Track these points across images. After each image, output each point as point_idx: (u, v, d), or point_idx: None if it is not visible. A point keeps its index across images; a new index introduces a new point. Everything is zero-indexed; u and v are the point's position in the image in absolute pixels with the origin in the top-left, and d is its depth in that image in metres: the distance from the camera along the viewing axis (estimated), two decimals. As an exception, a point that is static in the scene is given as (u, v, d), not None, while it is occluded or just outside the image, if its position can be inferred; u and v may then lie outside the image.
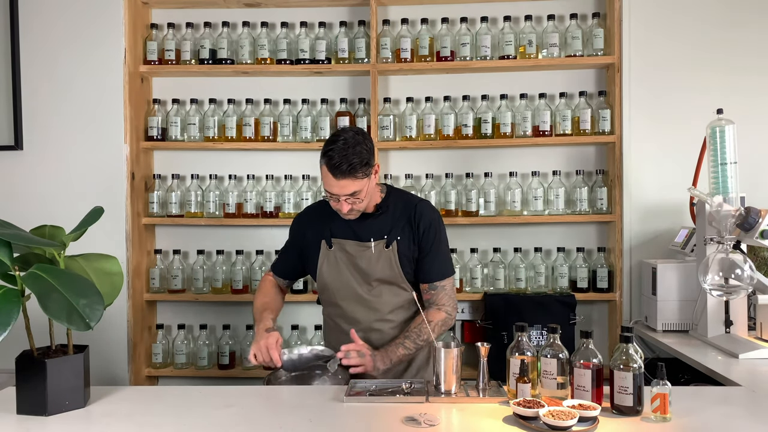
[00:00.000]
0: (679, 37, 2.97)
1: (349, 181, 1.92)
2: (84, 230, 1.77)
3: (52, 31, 2.99)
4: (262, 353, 1.94)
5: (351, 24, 3.12)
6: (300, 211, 2.31)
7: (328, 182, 1.95)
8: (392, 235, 2.07)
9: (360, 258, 2.07)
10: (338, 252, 2.09)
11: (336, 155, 1.90)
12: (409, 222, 2.08)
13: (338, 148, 1.91)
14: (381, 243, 2.06)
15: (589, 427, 1.52)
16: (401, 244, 2.07)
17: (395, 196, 2.14)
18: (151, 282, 3.09)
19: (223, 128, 3.08)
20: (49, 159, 3.00)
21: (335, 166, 1.90)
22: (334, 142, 1.93)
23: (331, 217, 2.10)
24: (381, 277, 2.07)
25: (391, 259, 2.06)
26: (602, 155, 3.11)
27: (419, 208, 2.10)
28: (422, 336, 2.04)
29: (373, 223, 2.08)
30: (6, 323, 1.49)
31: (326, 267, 2.11)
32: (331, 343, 2.18)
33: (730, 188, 2.32)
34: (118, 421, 1.63)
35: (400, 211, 2.10)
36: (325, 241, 2.11)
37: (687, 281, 2.61)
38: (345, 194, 1.95)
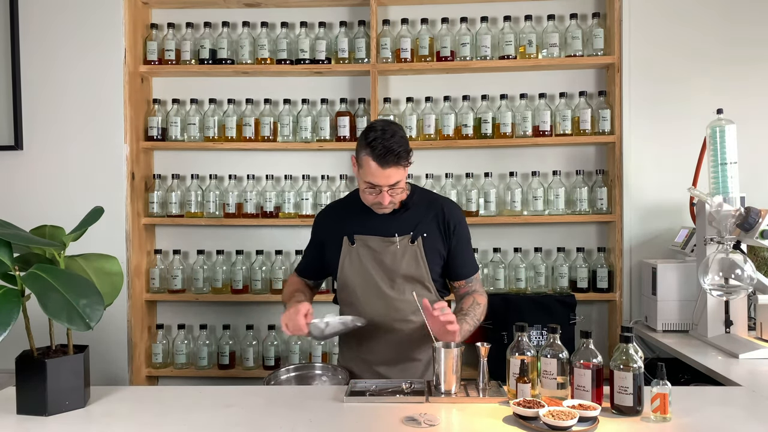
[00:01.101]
0: (679, 37, 2.97)
1: (395, 170, 1.90)
2: (84, 230, 1.77)
3: (52, 31, 2.99)
4: (292, 321, 1.90)
5: (351, 24, 3.12)
6: (319, 211, 2.27)
7: (372, 173, 1.90)
8: (418, 230, 2.04)
9: (384, 253, 2.03)
10: (361, 248, 2.05)
11: (381, 144, 1.87)
12: (436, 219, 2.06)
13: (382, 138, 1.88)
14: (406, 238, 2.03)
15: (589, 427, 1.52)
16: (428, 241, 2.04)
17: (419, 194, 2.12)
18: (151, 282, 3.09)
19: (223, 128, 3.08)
20: (49, 159, 3.00)
21: (382, 155, 1.87)
22: (373, 131, 1.90)
23: (352, 213, 2.08)
24: (406, 274, 2.03)
25: (417, 255, 2.03)
26: (602, 155, 3.11)
27: (448, 206, 2.10)
28: (476, 316, 2.03)
29: (399, 219, 2.05)
30: (6, 323, 1.49)
31: (348, 263, 2.07)
32: (348, 344, 2.14)
33: (730, 188, 2.33)
34: (118, 421, 1.63)
35: (426, 208, 2.08)
36: (347, 238, 2.07)
37: (687, 281, 2.61)
38: (389, 184, 1.92)
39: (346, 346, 2.17)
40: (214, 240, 3.18)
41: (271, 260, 3.10)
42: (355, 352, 2.11)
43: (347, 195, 2.25)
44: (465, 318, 1.99)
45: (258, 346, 3.05)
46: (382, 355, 2.06)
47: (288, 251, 3.13)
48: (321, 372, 2.17)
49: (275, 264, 3.06)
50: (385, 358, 2.05)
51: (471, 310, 2.03)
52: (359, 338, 2.07)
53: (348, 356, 2.16)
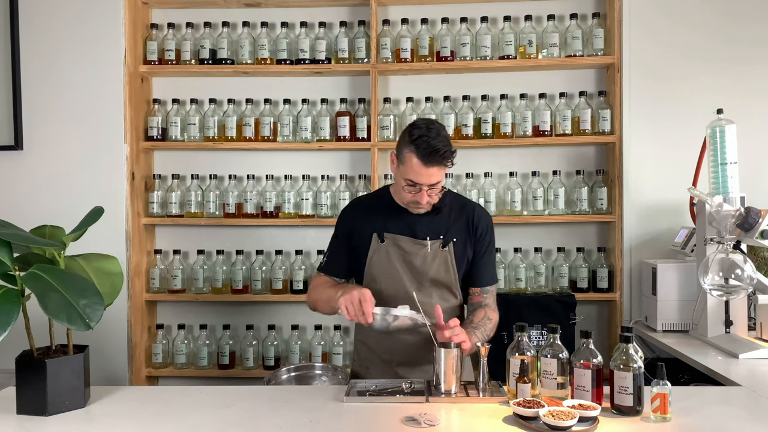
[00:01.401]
0: (679, 36, 2.97)
1: (438, 169, 1.88)
2: (84, 230, 1.77)
3: (52, 31, 2.99)
4: (354, 306, 1.80)
5: (351, 24, 3.12)
6: (347, 204, 2.20)
7: (415, 171, 1.87)
8: (449, 235, 2.02)
9: (415, 256, 2.00)
10: (391, 247, 2.01)
11: (426, 142, 1.85)
12: (466, 225, 2.04)
13: (427, 136, 1.86)
14: (437, 243, 2.01)
15: (589, 427, 1.52)
16: (457, 246, 2.02)
17: (451, 197, 2.09)
18: (151, 282, 3.09)
19: (223, 128, 3.08)
20: (49, 159, 3.00)
21: (427, 153, 1.85)
22: (418, 129, 1.88)
23: (382, 211, 2.05)
24: (435, 278, 2.01)
25: (447, 260, 2.01)
26: (602, 155, 3.11)
27: (477, 212, 2.07)
28: (487, 330, 1.99)
29: (430, 222, 2.02)
30: (6, 323, 1.49)
31: (376, 261, 2.02)
32: (366, 343, 2.10)
33: (730, 188, 2.32)
34: (118, 421, 1.63)
35: (457, 212, 2.05)
36: (377, 235, 2.03)
37: (687, 281, 2.61)
38: (430, 183, 1.89)
39: (363, 345, 2.12)
40: (214, 240, 3.18)
41: (271, 260, 3.10)
42: (375, 352, 2.08)
43: (376, 191, 2.20)
44: (474, 332, 1.94)
45: (258, 346, 3.05)
46: (403, 357, 2.02)
47: (288, 251, 3.13)
48: (321, 372, 2.17)
49: (275, 264, 3.06)
50: (405, 360, 2.02)
51: (481, 325, 1.98)
52: (379, 338, 2.04)
53: (365, 356, 2.11)
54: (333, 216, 3.03)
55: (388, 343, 2.03)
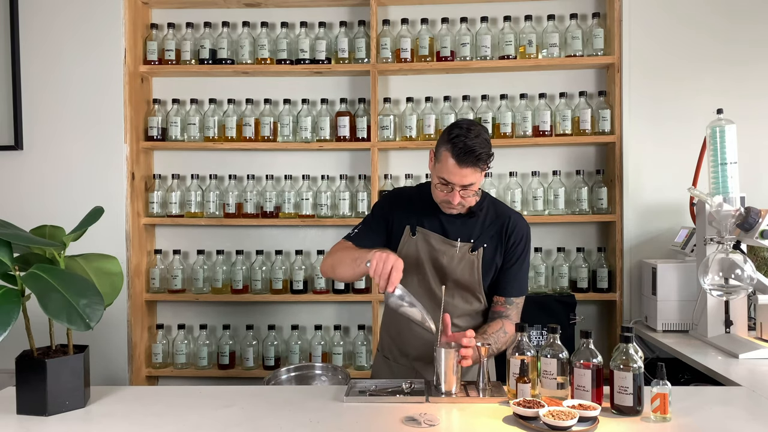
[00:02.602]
0: (679, 37, 2.97)
1: (471, 170, 1.85)
2: (84, 230, 1.77)
3: (52, 31, 2.99)
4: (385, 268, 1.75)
5: (351, 24, 3.12)
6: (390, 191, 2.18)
7: (448, 170, 1.85)
8: (479, 240, 1.99)
9: (442, 254, 1.99)
10: (421, 242, 2.00)
11: (464, 142, 1.82)
12: (499, 232, 2.01)
13: (466, 136, 1.83)
14: (467, 246, 1.99)
15: (589, 427, 1.52)
16: (487, 252, 1.99)
17: (489, 203, 2.06)
18: (151, 282, 3.09)
19: (223, 128, 3.08)
20: (49, 159, 3.00)
21: (462, 153, 1.82)
22: (458, 128, 1.86)
23: (420, 205, 2.03)
24: (458, 279, 1.99)
25: (473, 264, 1.98)
26: (602, 155, 3.11)
27: (513, 220, 2.03)
28: (498, 343, 1.94)
29: (464, 224, 2.00)
30: (6, 323, 1.49)
31: (405, 252, 2.01)
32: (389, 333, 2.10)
33: (730, 188, 2.32)
34: (118, 421, 1.63)
35: (492, 219, 2.02)
36: (410, 227, 2.02)
37: (687, 281, 2.61)
38: (463, 184, 1.87)
39: (387, 333, 2.13)
40: (214, 240, 3.18)
41: (271, 260, 3.10)
42: (396, 342, 2.08)
43: (419, 185, 2.18)
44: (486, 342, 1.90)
45: (258, 346, 3.05)
46: (421, 352, 2.02)
47: (288, 251, 3.14)
48: (321, 372, 2.17)
49: (275, 264, 3.06)
50: (422, 355, 2.01)
51: (494, 337, 1.94)
52: (400, 330, 2.05)
53: (387, 343, 2.13)
54: (333, 216, 3.03)
55: (410, 339, 2.03)
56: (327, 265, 2.05)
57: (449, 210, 1.97)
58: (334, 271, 2.02)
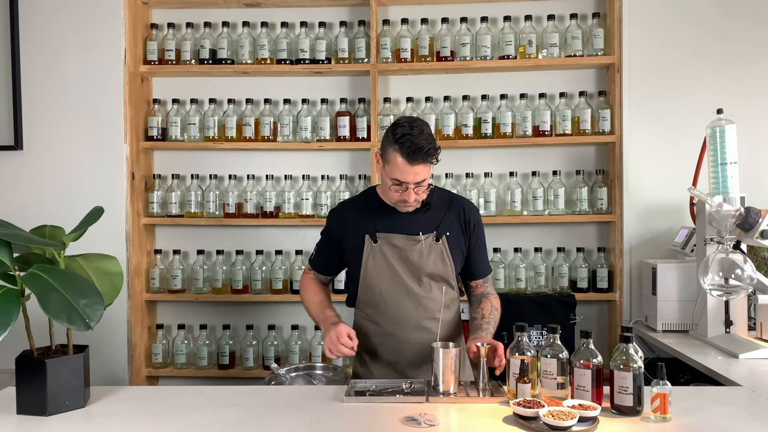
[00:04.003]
0: (678, 37, 2.97)
1: (423, 167, 1.88)
2: (84, 230, 1.77)
3: (52, 31, 2.99)
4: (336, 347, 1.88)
5: (351, 24, 3.12)
6: (333, 207, 2.22)
7: (401, 170, 1.88)
8: (441, 229, 2.03)
9: (410, 251, 2.00)
10: (385, 246, 2.02)
11: (410, 141, 1.84)
12: (458, 219, 2.06)
13: (410, 134, 1.85)
14: (431, 236, 2.02)
15: (589, 427, 1.52)
16: (452, 240, 2.03)
17: (439, 192, 2.10)
18: (151, 282, 3.08)
19: (223, 128, 3.08)
20: (49, 159, 3.00)
21: (411, 152, 1.84)
22: (401, 127, 1.88)
23: (372, 211, 2.05)
24: (432, 272, 2.01)
25: (443, 253, 2.02)
26: (602, 155, 3.11)
27: (467, 205, 2.10)
28: (496, 322, 2.03)
29: (421, 217, 2.03)
30: (6, 323, 1.49)
31: (372, 263, 2.02)
32: (369, 351, 2.07)
33: (730, 188, 2.32)
34: (118, 421, 1.63)
35: (446, 206, 2.07)
36: (369, 236, 2.03)
37: (687, 281, 2.61)
38: (416, 182, 1.89)
39: (368, 354, 2.08)
40: (214, 240, 3.18)
41: (271, 260, 3.10)
42: (378, 360, 2.05)
43: (361, 193, 2.21)
44: (488, 328, 1.99)
45: (258, 346, 3.05)
46: (410, 357, 2.01)
47: (288, 251, 3.14)
48: (321, 372, 2.17)
49: (275, 264, 3.06)
50: (413, 359, 2.01)
51: (492, 318, 2.03)
52: (383, 343, 2.03)
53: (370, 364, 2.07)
54: (333, 216, 3.03)
55: (397, 347, 2.02)
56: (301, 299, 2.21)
57: (405, 208, 1.99)
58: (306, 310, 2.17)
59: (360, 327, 2.10)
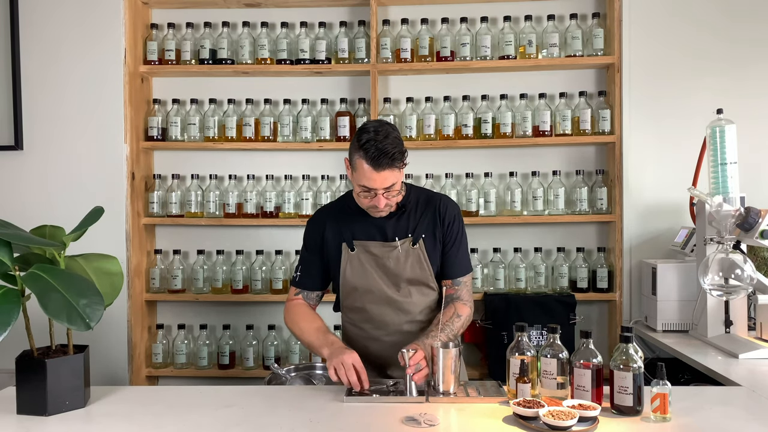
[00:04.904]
0: (678, 37, 2.98)
1: (390, 172, 1.85)
2: (84, 230, 1.77)
3: (52, 31, 2.99)
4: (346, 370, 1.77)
5: (351, 24, 3.12)
6: (311, 215, 2.18)
7: (367, 176, 1.85)
8: (417, 232, 2.00)
9: (387, 258, 1.99)
10: (362, 254, 2.00)
11: (374, 146, 1.81)
12: (433, 218, 2.02)
13: (375, 140, 1.82)
14: (407, 241, 1.99)
15: (589, 427, 1.52)
16: (428, 241, 2.00)
17: (415, 193, 2.07)
18: (151, 282, 3.09)
19: (223, 128, 3.08)
20: (49, 159, 3.00)
21: (376, 157, 1.81)
22: (366, 133, 1.85)
23: (348, 217, 2.03)
24: (410, 277, 1.99)
25: (420, 257, 1.99)
26: (602, 155, 3.11)
27: (443, 203, 2.05)
28: (454, 330, 1.96)
29: (398, 221, 2.01)
30: (6, 323, 1.49)
31: (350, 271, 2.01)
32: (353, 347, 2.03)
33: (730, 188, 2.32)
34: (118, 421, 1.63)
35: (423, 207, 2.04)
36: (346, 244, 2.01)
37: (687, 281, 2.61)
38: (384, 187, 1.87)
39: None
40: (214, 240, 3.18)
41: (271, 260, 3.10)
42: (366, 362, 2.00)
43: (338, 198, 2.19)
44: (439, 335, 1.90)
45: (258, 346, 3.05)
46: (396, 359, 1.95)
47: (288, 251, 3.13)
48: (321, 372, 2.17)
49: (275, 264, 3.06)
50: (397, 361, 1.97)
51: (448, 325, 1.94)
52: (369, 347, 2.02)
53: None
54: (333, 216, 3.03)
55: (380, 349, 2.02)
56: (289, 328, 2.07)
57: (378, 214, 1.96)
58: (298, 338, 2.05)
59: (346, 331, 2.11)
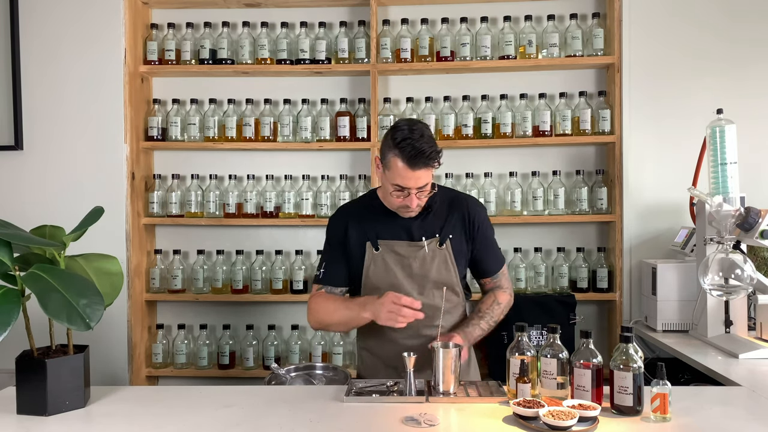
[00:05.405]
0: (678, 37, 2.97)
1: (425, 171, 1.83)
2: (84, 230, 1.77)
3: (52, 31, 2.99)
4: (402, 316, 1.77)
5: (351, 24, 3.12)
6: (334, 212, 2.13)
7: (402, 175, 1.82)
8: (444, 233, 1.97)
9: (413, 259, 1.95)
10: (387, 254, 1.97)
11: (411, 145, 1.79)
12: (461, 220, 2.00)
13: (411, 138, 1.79)
14: (434, 241, 1.97)
15: (589, 427, 1.52)
16: (455, 242, 1.98)
17: (441, 192, 2.02)
18: (151, 282, 3.09)
19: (223, 128, 3.08)
20: (49, 159, 3.00)
21: (412, 156, 1.79)
22: (400, 131, 1.82)
23: (372, 216, 2.00)
24: (436, 279, 1.96)
25: (447, 258, 1.97)
26: (602, 155, 3.11)
27: (471, 205, 2.04)
28: (494, 317, 1.98)
29: (423, 221, 1.98)
30: (6, 323, 1.49)
31: (373, 270, 1.98)
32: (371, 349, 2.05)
33: (730, 188, 2.32)
34: (118, 421, 1.63)
35: (450, 207, 2.01)
36: (370, 243, 1.98)
37: (687, 281, 2.61)
38: (418, 186, 1.84)
39: (367, 353, 2.07)
40: (214, 240, 3.18)
41: (271, 260, 3.10)
42: (379, 359, 2.04)
43: (362, 196, 2.15)
44: (479, 323, 1.95)
45: (258, 346, 3.05)
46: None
47: (288, 251, 3.14)
48: (321, 372, 2.17)
49: (275, 264, 3.06)
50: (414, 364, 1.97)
51: (488, 312, 1.99)
52: (384, 347, 2.00)
53: (370, 363, 2.07)
54: (333, 216, 3.03)
55: (391, 349, 1.98)
56: (315, 324, 2.04)
57: (407, 214, 1.94)
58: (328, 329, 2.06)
59: (363, 331, 2.08)
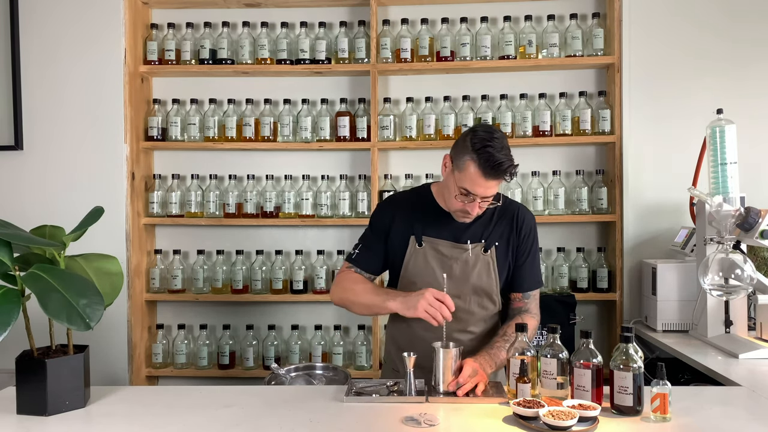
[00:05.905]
0: (678, 37, 2.97)
1: (496, 182, 1.79)
2: (84, 230, 1.77)
3: (52, 31, 2.99)
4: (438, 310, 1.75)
5: (351, 24, 3.12)
6: (383, 200, 2.09)
7: (473, 181, 1.78)
8: (491, 239, 1.93)
9: (455, 260, 1.92)
10: (429, 251, 1.93)
11: (491, 154, 1.74)
12: (509, 227, 1.95)
13: (492, 146, 1.75)
14: (479, 246, 1.92)
15: (589, 427, 1.52)
16: (500, 250, 1.93)
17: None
18: (151, 282, 3.09)
19: (223, 128, 3.08)
20: (49, 159, 3.00)
21: (490, 166, 1.75)
22: (483, 138, 1.77)
23: (421, 212, 1.97)
24: (476, 285, 1.93)
25: (489, 265, 1.93)
26: (602, 155, 3.11)
27: (521, 213, 1.98)
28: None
29: (471, 225, 1.93)
30: (6, 323, 1.49)
31: (413, 265, 1.94)
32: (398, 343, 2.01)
33: (730, 188, 2.32)
34: (118, 421, 1.63)
35: (499, 214, 1.96)
36: (414, 238, 1.94)
37: (687, 281, 2.61)
38: (485, 195, 1.81)
39: (394, 346, 2.05)
40: (214, 240, 3.18)
41: (271, 260, 3.10)
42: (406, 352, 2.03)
43: (413, 189, 2.10)
44: (505, 345, 1.86)
45: (258, 346, 3.05)
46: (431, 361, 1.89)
47: (288, 251, 3.14)
48: (321, 372, 2.17)
49: (275, 264, 3.06)
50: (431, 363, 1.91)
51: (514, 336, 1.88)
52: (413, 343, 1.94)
53: (396, 355, 2.03)
54: (333, 216, 3.03)
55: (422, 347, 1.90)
56: (338, 299, 2.00)
57: (464, 219, 1.90)
58: (347, 308, 1.98)
59: (392, 324, 2.06)
